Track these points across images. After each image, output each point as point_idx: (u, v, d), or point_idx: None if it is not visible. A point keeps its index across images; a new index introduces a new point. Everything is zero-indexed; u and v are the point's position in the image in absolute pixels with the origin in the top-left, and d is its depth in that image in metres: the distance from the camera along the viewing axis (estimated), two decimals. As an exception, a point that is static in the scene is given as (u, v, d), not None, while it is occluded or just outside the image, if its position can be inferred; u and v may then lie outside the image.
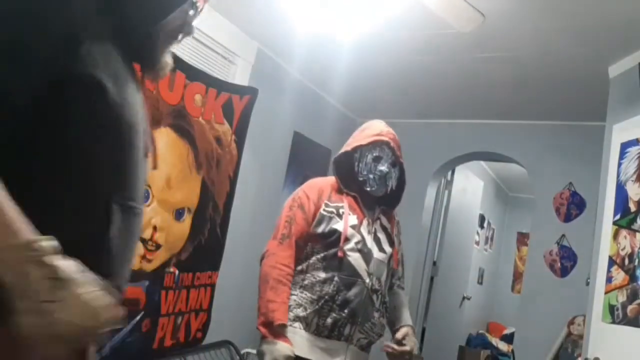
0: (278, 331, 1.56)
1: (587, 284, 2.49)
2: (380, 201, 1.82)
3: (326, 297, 1.59)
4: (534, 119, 3.53)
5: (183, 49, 2.55)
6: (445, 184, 4.34)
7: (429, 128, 3.93)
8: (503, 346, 5.83)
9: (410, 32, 2.55)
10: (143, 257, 2.31)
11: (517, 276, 6.71)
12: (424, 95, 3.48)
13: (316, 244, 1.68)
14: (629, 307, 1.99)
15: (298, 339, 1.59)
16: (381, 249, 1.73)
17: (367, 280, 1.63)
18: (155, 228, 2.35)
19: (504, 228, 7.16)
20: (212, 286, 2.73)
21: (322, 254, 1.65)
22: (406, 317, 1.86)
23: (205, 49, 2.71)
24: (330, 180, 1.82)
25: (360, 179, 1.76)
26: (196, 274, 2.62)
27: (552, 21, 2.24)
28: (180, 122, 2.45)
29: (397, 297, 1.90)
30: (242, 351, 2.88)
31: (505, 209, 7.17)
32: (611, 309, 2.09)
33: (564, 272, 3.24)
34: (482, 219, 5.95)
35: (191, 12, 0.89)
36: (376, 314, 1.68)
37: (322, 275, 1.62)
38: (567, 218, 3.31)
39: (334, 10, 2.08)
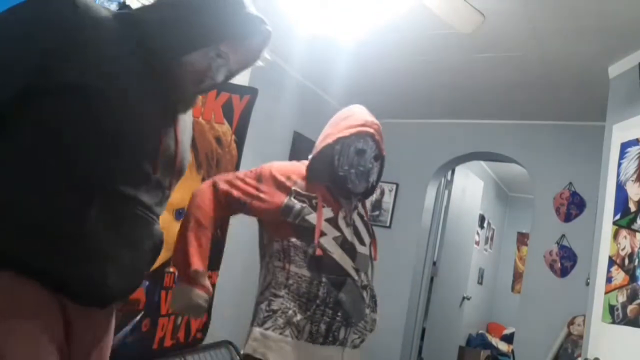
0: (193, 277, 1.44)
1: (587, 284, 2.49)
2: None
3: (317, 301, 1.44)
4: (534, 119, 3.53)
5: (183, 49, 2.55)
6: (445, 184, 4.34)
7: (429, 128, 3.93)
8: (503, 346, 5.83)
9: (410, 33, 2.55)
10: (143, 257, 2.31)
11: (517, 276, 6.71)
12: (424, 95, 3.48)
13: (290, 236, 1.49)
14: (629, 307, 1.99)
15: (289, 349, 1.42)
16: (362, 242, 1.58)
17: (356, 277, 1.50)
18: (155, 228, 2.35)
19: (504, 228, 7.16)
20: (212, 286, 2.73)
21: (301, 250, 1.48)
22: None
23: (205, 49, 2.70)
24: (298, 166, 1.62)
25: (341, 173, 1.55)
26: (196, 274, 2.62)
27: (552, 21, 2.24)
28: (180, 122, 2.45)
29: None
30: (242, 351, 2.88)
31: (505, 209, 7.17)
32: (611, 309, 2.09)
33: (564, 272, 3.24)
34: (482, 219, 5.95)
35: (219, 61, 1.00)
36: (367, 310, 1.55)
37: (307, 274, 1.46)
38: (567, 218, 3.31)
39: (334, 11, 2.08)
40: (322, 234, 1.48)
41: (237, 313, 2.91)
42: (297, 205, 1.50)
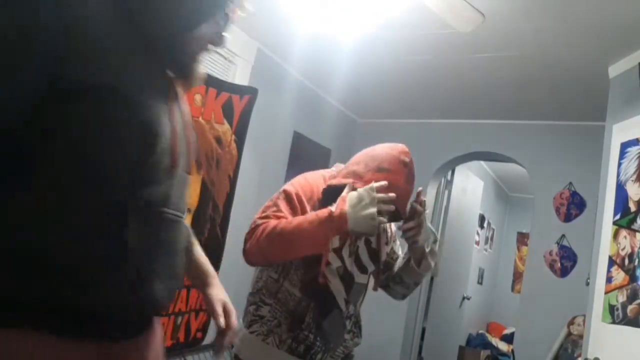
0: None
1: (587, 284, 2.49)
2: None
3: (302, 325, 1.46)
4: (534, 119, 3.53)
5: (183, 49, 2.55)
6: (445, 184, 4.34)
7: (429, 128, 3.93)
8: (503, 346, 5.83)
9: (411, 32, 2.55)
10: (143, 257, 2.30)
11: (517, 276, 6.72)
12: (424, 95, 3.48)
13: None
14: (629, 307, 1.99)
15: (269, 356, 1.47)
16: (363, 270, 1.56)
17: (344, 309, 1.52)
18: (155, 228, 2.34)
19: (504, 228, 7.16)
20: (212, 286, 2.73)
21: (301, 271, 1.48)
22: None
23: (205, 49, 2.70)
24: (320, 182, 1.57)
25: None
26: (196, 274, 2.62)
27: (552, 21, 2.24)
28: (180, 122, 2.45)
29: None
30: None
31: (505, 209, 7.17)
32: (611, 309, 2.09)
33: (564, 272, 3.24)
34: (482, 219, 5.95)
35: (222, 22, 0.88)
36: (347, 336, 1.57)
37: (298, 294, 1.48)
38: (567, 218, 3.31)
39: (334, 11, 2.08)
40: (327, 262, 1.46)
41: (237, 313, 2.90)
42: None
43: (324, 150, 3.87)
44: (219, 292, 1.12)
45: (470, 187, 4.78)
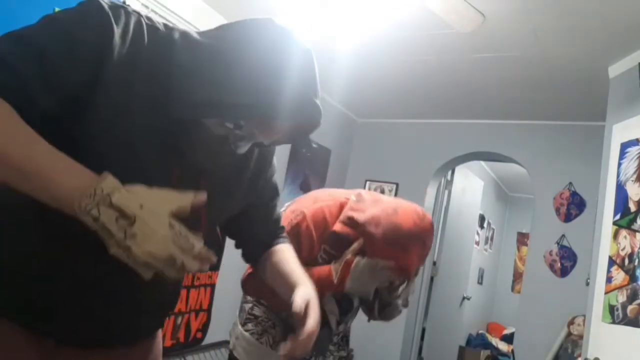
0: None
1: (587, 284, 2.49)
2: None
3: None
4: (534, 119, 3.53)
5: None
6: (445, 184, 4.34)
7: (429, 128, 3.93)
8: (503, 346, 5.83)
9: (411, 33, 2.55)
10: (143, 257, 2.30)
11: (517, 276, 6.72)
12: (424, 95, 3.48)
13: None
14: (629, 307, 1.99)
15: (262, 355, 1.49)
16: (366, 295, 1.54)
17: (334, 327, 1.55)
18: (155, 228, 2.34)
19: (504, 228, 7.17)
20: (212, 286, 2.73)
21: None
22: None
23: (205, 49, 2.70)
24: (336, 208, 1.50)
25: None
26: (196, 274, 2.62)
27: (552, 21, 2.23)
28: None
29: None
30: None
31: (505, 209, 7.17)
32: (611, 309, 2.09)
33: (564, 272, 3.24)
34: (482, 219, 5.95)
35: (237, 133, 0.88)
36: (332, 347, 1.62)
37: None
38: (567, 218, 3.31)
39: (334, 11, 2.08)
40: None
41: (237, 313, 2.90)
42: (319, 262, 1.46)
43: (324, 150, 3.87)
44: (309, 291, 1.08)
45: (470, 187, 4.78)
